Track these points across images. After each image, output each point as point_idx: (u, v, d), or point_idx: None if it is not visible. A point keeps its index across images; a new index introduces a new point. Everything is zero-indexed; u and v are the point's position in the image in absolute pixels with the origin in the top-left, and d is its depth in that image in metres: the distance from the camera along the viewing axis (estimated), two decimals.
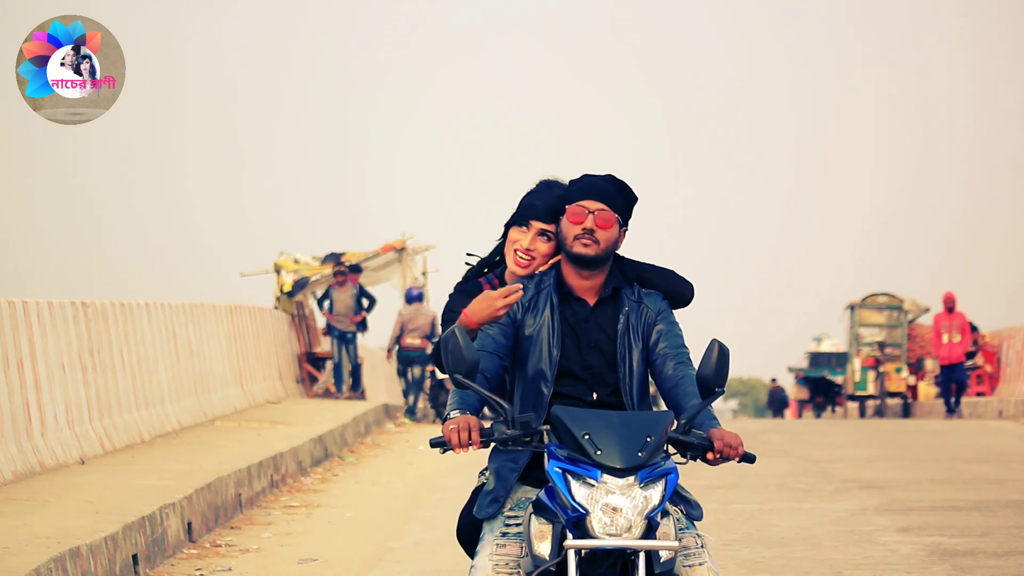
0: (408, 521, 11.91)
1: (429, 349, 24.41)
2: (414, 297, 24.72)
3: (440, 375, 24.72)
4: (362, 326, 25.40)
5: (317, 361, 25.72)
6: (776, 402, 52.70)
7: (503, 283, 5.29)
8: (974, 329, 33.70)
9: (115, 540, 8.78)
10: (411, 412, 24.31)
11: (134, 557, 9.12)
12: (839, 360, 43.47)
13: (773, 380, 56.42)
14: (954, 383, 26.65)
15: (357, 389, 25.27)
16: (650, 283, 5.22)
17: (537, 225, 5.21)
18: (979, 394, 31.26)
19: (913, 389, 38.68)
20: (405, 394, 24.66)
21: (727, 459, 4.84)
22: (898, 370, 38.79)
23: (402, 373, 24.63)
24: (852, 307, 41.09)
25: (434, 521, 11.76)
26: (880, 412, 38.13)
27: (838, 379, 43.32)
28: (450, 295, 5.35)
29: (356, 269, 26.48)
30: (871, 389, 39.61)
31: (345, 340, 25.20)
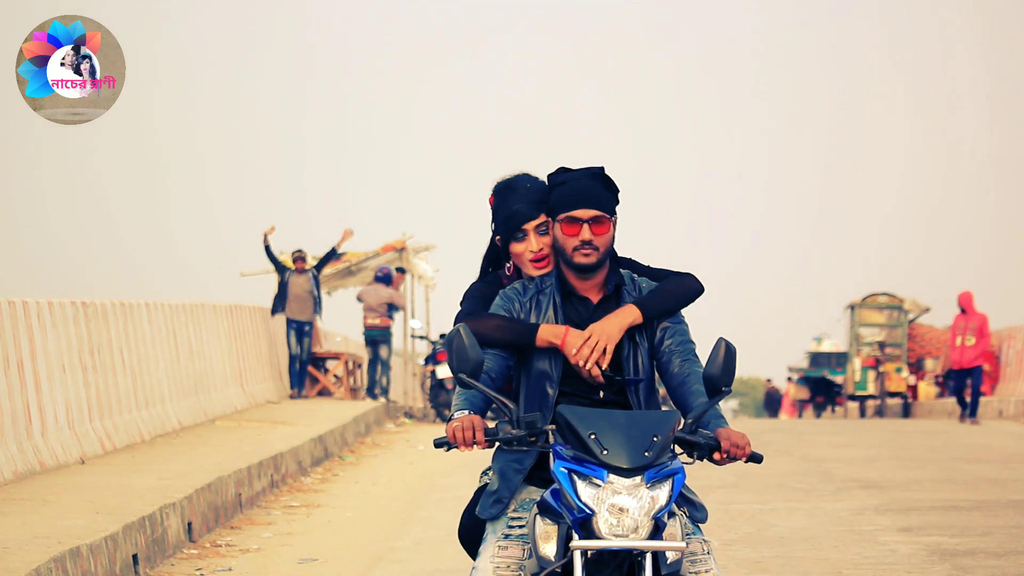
0: (408, 521, 11.91)
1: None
2: (379, 277, 25.69)
3: (440, 375, 24.83)
4: (318, 306, 24.10)
5: (318, 362, 25.72)
6: (771, 402, 52.88)
7: (519, 274, 5.27)
8: None
9: (115, 540, 8.78)
10: (373, 392, 25.29)
11: (134, 557, 9.12)
12: (839, 360, 43.48)
13: (768, 380, 56.70)
14: (968, 387, 24.38)
15: (300, 387, 23.83)
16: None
17: (530, 227, 5.17)
18: (979, 394, 31.23)
19: (913, 389, 38.68)
20: (371, 374, 25.52)
21: (734, 459, 4.79)
22: (898, 370, 38.78)
23: (375, 357, 25.37)
24: (852, 307, 41.11)
25: (434, 521, 11.75)
26: (880, 412, 38.14)
27: (838, 379, 43.34)
28: (473, 283, 5.32)
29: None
30: (871, 389, 39.61)
31: (302, 333, 23.88)
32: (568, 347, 5.00)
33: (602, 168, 5.11)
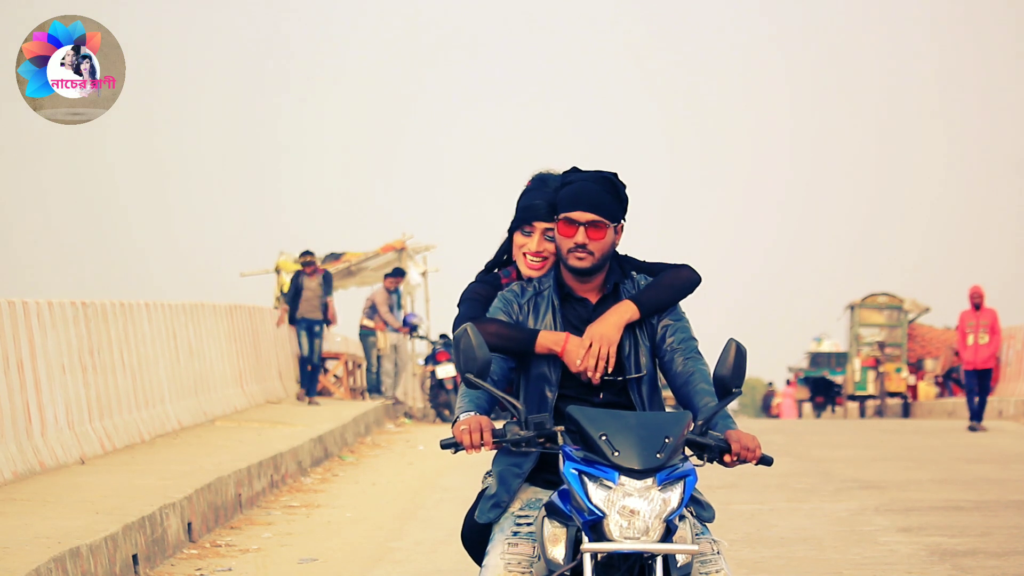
0: (408, 521, 11.91)
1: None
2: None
3: (440, 375, 24.85)
4: (325, 316, 23.61)
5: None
6: (766, 403, 53.35)
7: (520, 277, 5.21)
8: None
9: (115, 540, 8.78)
10: (380, 390, 25.64)
11: (134, 557, 9.12)
12: (839, 360, 43.55)
13: (770, 384, 57.21)
14: (979, 390, 22.58)
15: (312, 393, 23.07)
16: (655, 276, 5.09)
17: (540, 226, 5.12)
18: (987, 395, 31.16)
19: (913, 389, 38.72)
20: (371, 370, 25.80)
21: (744, 462, 4.74)
22: (898, 370, 38.82)
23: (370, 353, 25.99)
24: (852, 307, 41.19)
25: (434, 521, 11.75)
26: (880, 412, 38.18)
27: (838, 379, 43.40)
28: (470, 284, 5.25)
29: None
30: (871, 389, 39.66)
31: (312, 333, 23.29)
32: (569, 356, 4.94)
33: (614, 173, 5.04)
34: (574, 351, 4.94)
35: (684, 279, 5.08)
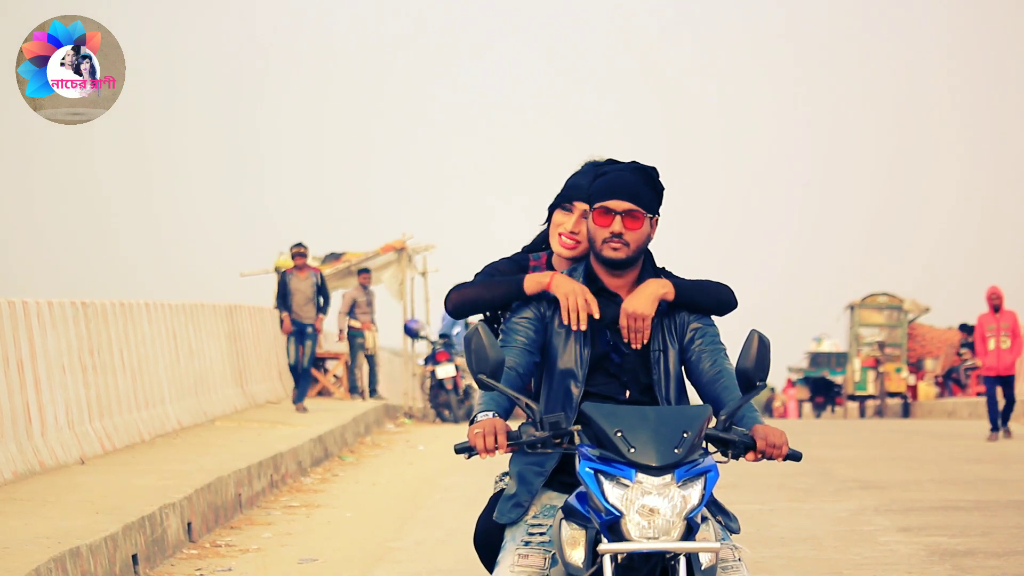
0: (408, 521, 11.90)
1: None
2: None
3: (440, 375, 24.84)
4: (323, 308, 21.86)
5: (318, 362, 25.69)
6: (768, 405, 53.48)
7: (550, 264, 5.11)
8: (968, 329, 33.62)
9: (115, 540, 8.78)
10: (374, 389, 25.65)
11: (134, 557, 9.12)
12: (839, 360, 43.57)
13: (771, 389, 57.37)
14: (1005, 398, 21.28)
15: (300, 399, 21.04)
16: (696, 305, 4.97)
17: (581, 207, 5.00)
18: (979, 394, 31.21)
19: (913, 389, 38.75)
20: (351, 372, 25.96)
21: (770, 458, 4.58)
22: (898, 370, 38.85)
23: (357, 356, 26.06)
24: (852, 307, 41.23)
25: (434, 521, 11.74)
26: (880, 412, 38.21)
27: (838, 379, 43.43)
28: (493, 261, 5.13)
29: (366, 272, 26.63)
30: (871, 389, 39.70)
31: (304, 336, 21.46)
32: (558, 289, 4.83)
33: (652, 167, 4.90)
34: (563, 284, 4.84)
35: (724, 294, 4.99)
